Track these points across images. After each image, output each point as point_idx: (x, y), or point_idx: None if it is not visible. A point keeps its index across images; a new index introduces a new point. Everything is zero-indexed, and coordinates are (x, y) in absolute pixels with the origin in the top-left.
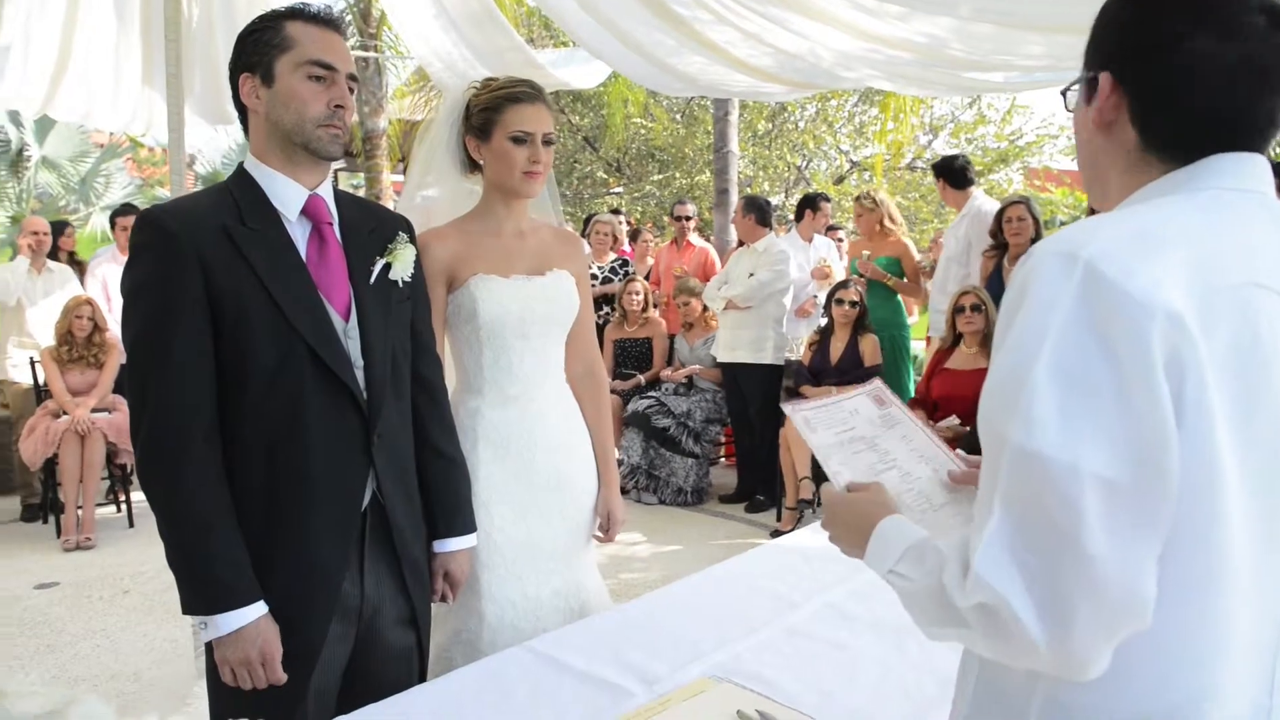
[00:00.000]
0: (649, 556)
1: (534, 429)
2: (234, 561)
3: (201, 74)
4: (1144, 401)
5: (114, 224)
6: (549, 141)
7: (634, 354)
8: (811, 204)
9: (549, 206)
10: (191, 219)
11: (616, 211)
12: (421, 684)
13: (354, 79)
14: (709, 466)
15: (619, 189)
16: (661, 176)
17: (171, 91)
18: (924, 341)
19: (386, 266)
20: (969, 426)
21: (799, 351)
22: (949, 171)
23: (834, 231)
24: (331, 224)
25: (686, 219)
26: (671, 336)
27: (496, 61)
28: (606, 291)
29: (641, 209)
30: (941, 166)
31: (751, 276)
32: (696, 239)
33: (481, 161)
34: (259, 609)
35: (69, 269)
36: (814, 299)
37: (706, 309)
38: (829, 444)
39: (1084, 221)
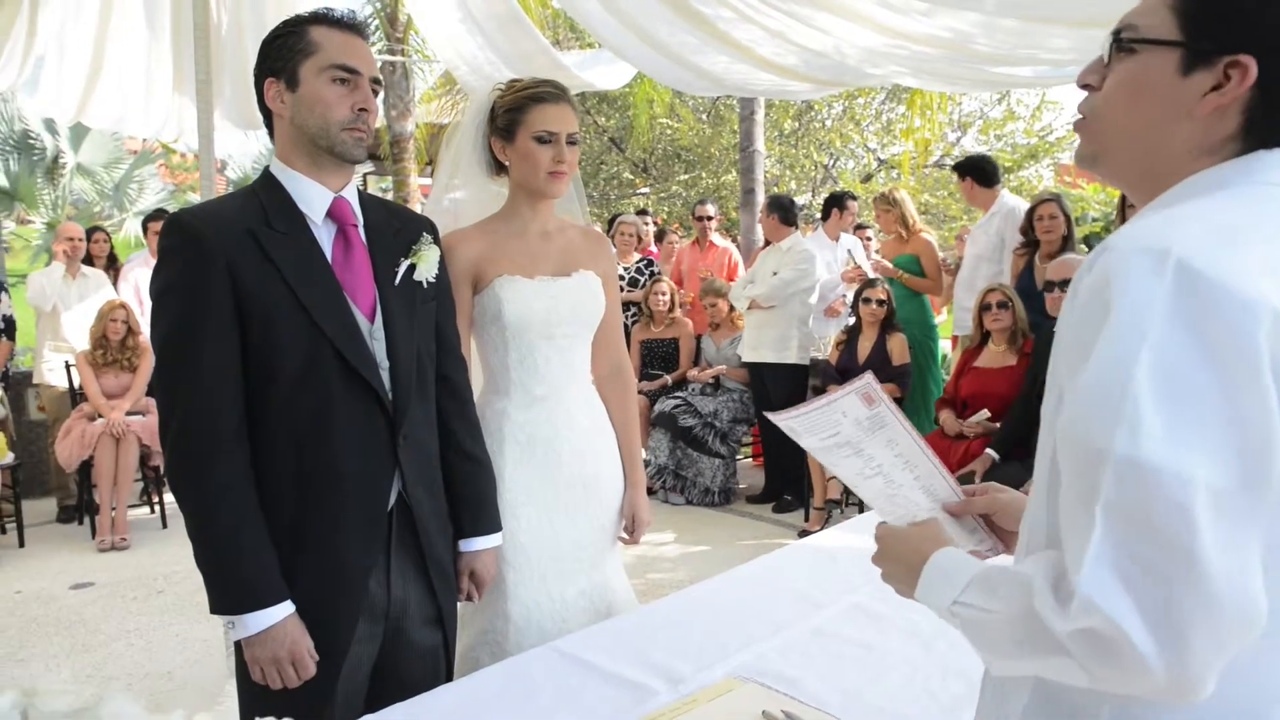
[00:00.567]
0: (676, 557)
1: (560, 430)
2: (261, 562)
3: (231, 80)
4: (1251, 404)
5: (146, 229)
6: (573, 141)
7: (660, 354)
8: (838, 203)
9: (575, 207)
10: (218, 222)
11: (643, 212)
12: (447, 683)
13: (378, 82)
14: (736, 466)
15: (645, 189)
16: (688, 176)
17: (201, 97)
18: (949, 341)
19: (411, 268)
20: (998, 422)
21: (826, 351)
22: (977, 170)
23: (861, 230)
24: (356, 226)
25: (708, 219)
26: (698, 337)
27: (522, 64)
28: (631, 299)
29: (668, 209)
30: (969, 165)
31: (775, 275)
32: (719, 239)
33: (507, 163)
34: (286, 609)
35: (103, 274)
36: (843, 298)
37: (733, 309)
38: (816, 449)
39: (1158, 216)
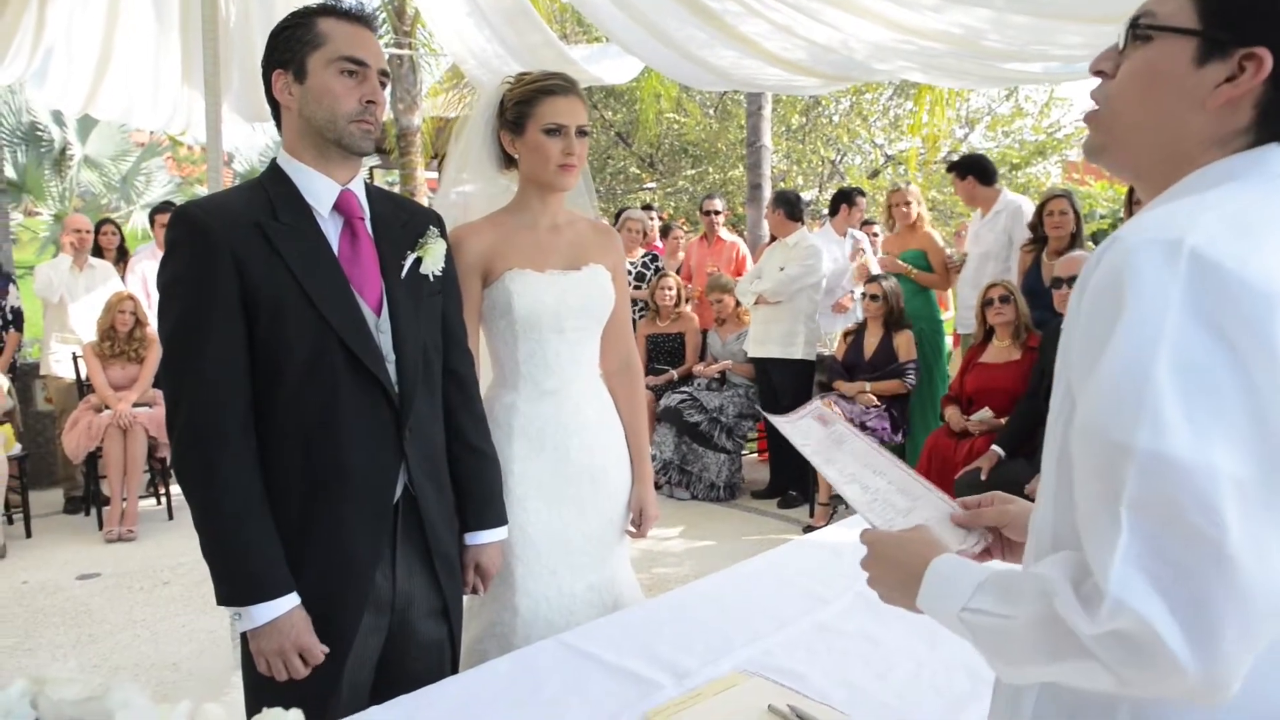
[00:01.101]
0: (682, 551)
1: (569, 423)
2: (267, 554)
3: (239, 72)
4: (1270, 395)
5: (153, 221)
6: (583, 133)
7: (666, 349)
8: (847, 198)
9: (584, 200)
10: (225, 214)
11: (648, 207)
12: (453, 675)
13: (385, 75)
14: (741, 462)
15: (652, 184)
16: (695, 171)
17: (209, 90)
18: (951, 338)
19: (417, 261)
20: (1003, 419)
21: (833, 347)
22: (979, 169)
23: (869, 226)
24: (363, 219)
25: (715, 214)
26: (704, 332)
27: (530, 58)
28: (636, 297)
29: (674, 204)
30: (970, 164)
31: (782, 271)
32: (726, 233)
33: (516, 156)
34: (292, 600)
35: (110, 266)
36: (851, 294)
37: (739, 304)
38: (806, 453)
39: (1168, 208)
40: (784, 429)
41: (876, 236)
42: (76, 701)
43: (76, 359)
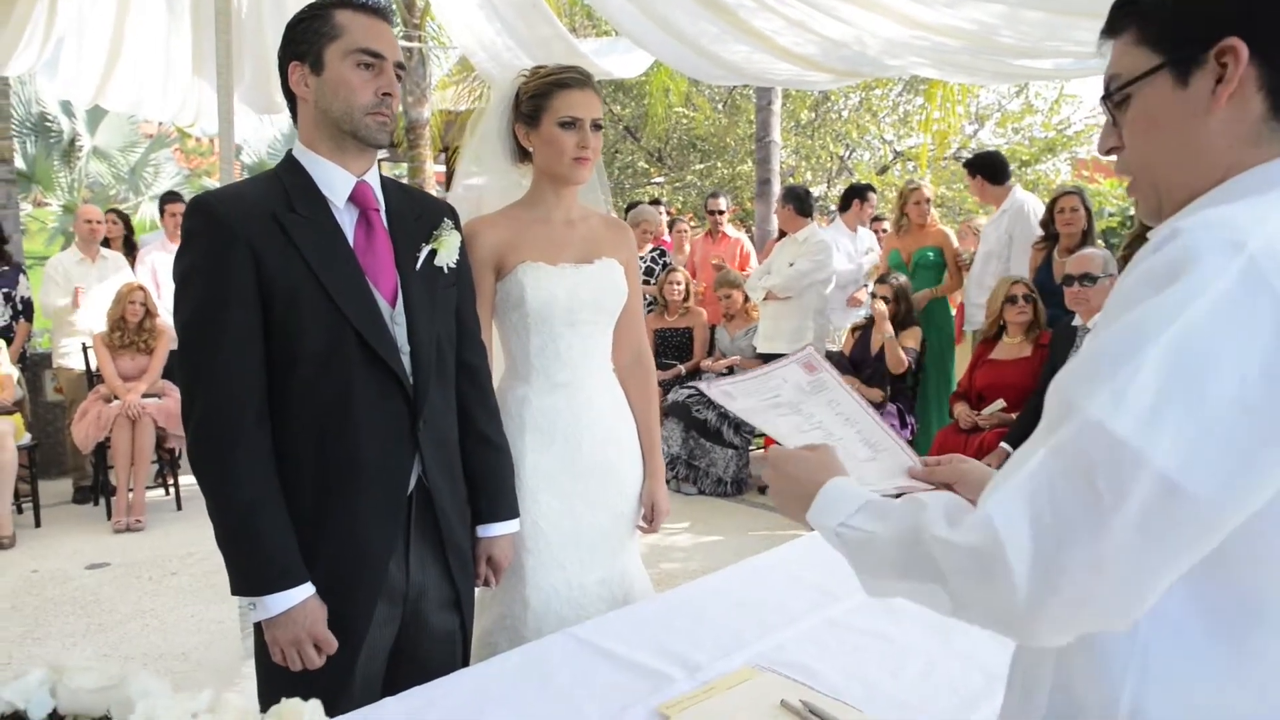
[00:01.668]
0: (689, 547)
1: (581, 416)
2: (282, 544)
3: (250, 64)
4: (1271, 434)
5: (163, 211)
6: (598, 127)
7: (674, 344)
8: (860, 194)
9: (598, 194)
10: (242, 205)
11: (656, 202)
12: (466, 667)
13: (401, 67)
14: (749, 457)
15: (660, 179)
16: (703, 166)
17: (222, 82)
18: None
19: (432, 253)
20: (1014, 414)
21: (840, 342)
22: (988, 167)
23: (878, 223)
24: (379, 211)
25: (720, 212)
26: (712, 327)
27: (540, 50)
28: (644, 292)
29: (683, 199)
30: (981, 162)
31: (792, 266)
32: (731, 230)
33: (531, 149)
34: (306, 590)
35: (121, 256)
36: (864, 287)
37: (748, 300)
38: (752, 408)
39: (1231, 208)
40: (746, 383)
41: (885, 233)
42: (95, 690)
43: (86, 350)
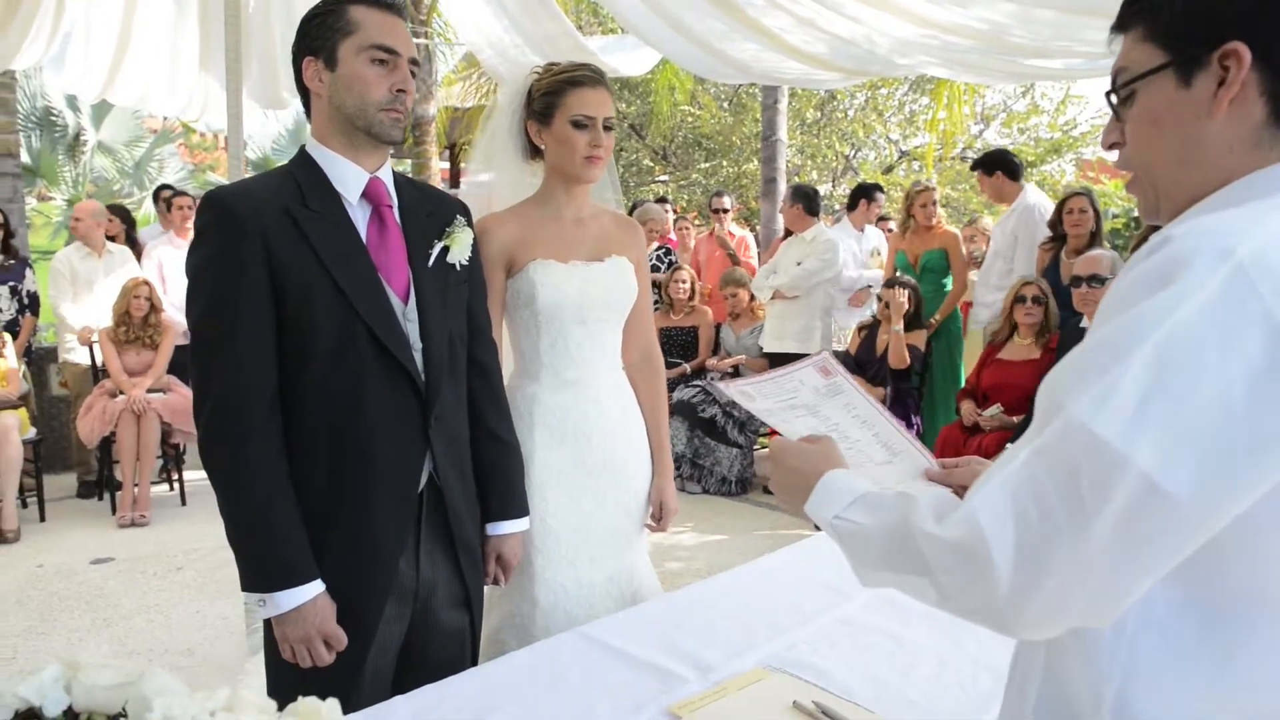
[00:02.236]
0: (694, 546)
1: (590, 414)
2: (293, 540)
3: (257, 59)
4: (1252, 439)
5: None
6: (610, 126)
7: (679, 342)
8: (867, 194)
9: (608, 192)
10: (255, 200)
11: (662, 200)
12: (476, 666)
13: (415, 63)
14: (754, 456)
15: (665, 177)
16: (709, 165)
17: (230, 77)
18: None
19: (444, 250)
20: (1015, 417)
21: (846, 341)
22: (1009, 164)
23: (884, 222)
24: (391, 207)
25: (723, 211)
26: (717, 326)
27: (547, 47)
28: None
29: (688, 197)
30: (996, 160)
31: (799, 265)
32: (735, 228)
33: (543, 146)
34: (317, 587)
35: (128, 250)
36: (869, 288)
37: (753, 299)
38: (770, 409)
39: (1225, 214)
40: (764, 384)
41: (891, 233)
42: (110, 687)
43: (91, 344)
